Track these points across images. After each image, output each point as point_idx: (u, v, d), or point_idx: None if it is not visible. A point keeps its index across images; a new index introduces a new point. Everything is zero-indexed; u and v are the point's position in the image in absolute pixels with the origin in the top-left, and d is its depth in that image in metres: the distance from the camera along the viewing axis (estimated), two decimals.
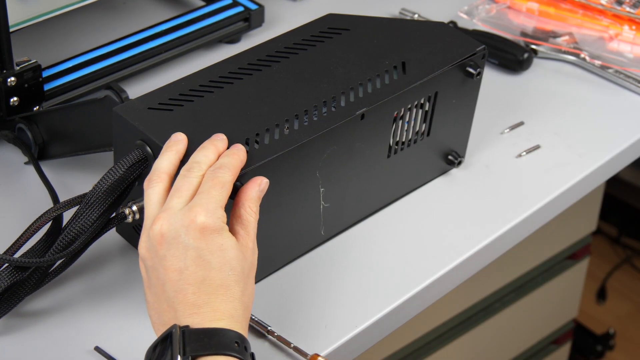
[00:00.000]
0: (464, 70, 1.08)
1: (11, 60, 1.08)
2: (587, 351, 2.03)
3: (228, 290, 0.84)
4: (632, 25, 1.36)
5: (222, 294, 0.84)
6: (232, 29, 1.31)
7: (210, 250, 0.84)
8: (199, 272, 0.84)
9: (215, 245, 0.84)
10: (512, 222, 1.11)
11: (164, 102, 0.98)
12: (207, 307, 0.83)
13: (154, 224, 0.85)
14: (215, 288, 0.84)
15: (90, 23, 1.33)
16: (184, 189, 0.87)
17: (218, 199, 0.86)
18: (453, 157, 1.15)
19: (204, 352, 0.81)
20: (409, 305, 1.03)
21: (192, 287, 0.83)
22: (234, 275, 0.85)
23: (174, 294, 0.84)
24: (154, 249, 0.85)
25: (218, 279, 0.84)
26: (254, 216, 0.89)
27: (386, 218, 1.10)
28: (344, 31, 1.09)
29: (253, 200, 0.89)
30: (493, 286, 1.45)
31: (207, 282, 0.84)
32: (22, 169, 1.12)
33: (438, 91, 1.07)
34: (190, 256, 0.84)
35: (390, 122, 1.04)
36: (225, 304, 0.84)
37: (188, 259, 0.84)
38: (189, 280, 0.83)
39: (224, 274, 0.84)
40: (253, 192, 0.90)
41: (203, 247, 0.84)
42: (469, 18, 1.38)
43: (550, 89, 1.30)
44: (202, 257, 0.84)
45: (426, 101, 1.06)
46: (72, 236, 0.94)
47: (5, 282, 0.92)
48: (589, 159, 1.20)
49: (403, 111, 1.04)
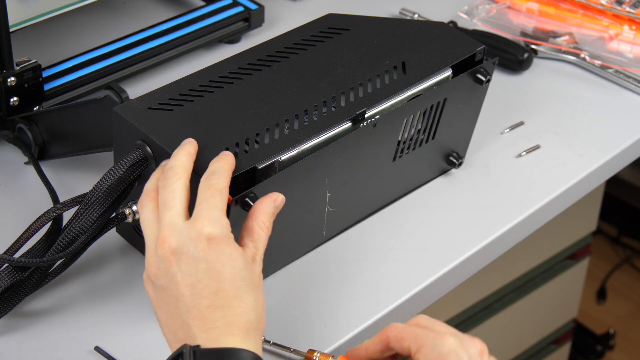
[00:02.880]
0: (474, 77, 1.08)
1: (11, 60, 1.08)
2: (587, 351, 2.03)
3: (241, 302, 0.82)
4: (632, 25, 1.36)
5: (236, 306, 0.82)
6: (232, 29, 1.31)
7: (221, 261, 0.82)
8: (211, 285, 0.82)
9: (225, 255, 0.83)
10: (512, 222, 1.11)
11: (164, 102, 0.98)
12: (222, 320, 0.81)
13: (162, 242, 0.83)
14: (228, 300, 0.82)
15: (90, 23, 1.33)
16: (170, 199, 0.85)
17: (219, 206, 0.84)
18: (454, 158, 1.15)
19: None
20: (409, 305, 1.03)
21: (206, 301, 0.81)
22: (245, 286, 0.83)
23: (188, 310, 0.82)
24: (164, 267, 0.83)
25: (231, 290, 0.82)
26: (265, 231, 0.87)
27: (386, 218, 1.10)
28: (344, 31, 1.09)
29: (267, 215, 0.88)
30: (493, 286, 1.44)
31: (220, 294, 0.82)
32: (22, 169, 1.12)
33: (447, 97, 1.07)
34: (201, 269, 0.82)
35: (400, 128, 1.04)
36: (239, 317, 0.82)
37: (200, 272, 0.82)
38: (203, 294, 0.82)
39: (235, 285, 0.82)
40: (268, 207, 0.88)
41: (213, 259, 0.82)
42: (469, 18, 1.38)
43: (550, 89, 1.30)
44: (213, 269, 0.82)
45: (435, 106, 1.06)
46: (72, 236, 0.94)
47: (5, 282, 0.92)
48: (589, 159, 1.20)
49: (412, 117, 1.04)
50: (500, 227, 1.10)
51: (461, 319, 1.42)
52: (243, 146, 0.94)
